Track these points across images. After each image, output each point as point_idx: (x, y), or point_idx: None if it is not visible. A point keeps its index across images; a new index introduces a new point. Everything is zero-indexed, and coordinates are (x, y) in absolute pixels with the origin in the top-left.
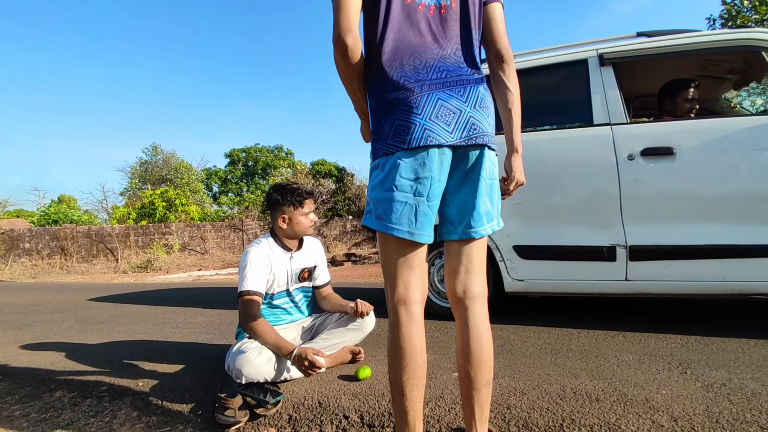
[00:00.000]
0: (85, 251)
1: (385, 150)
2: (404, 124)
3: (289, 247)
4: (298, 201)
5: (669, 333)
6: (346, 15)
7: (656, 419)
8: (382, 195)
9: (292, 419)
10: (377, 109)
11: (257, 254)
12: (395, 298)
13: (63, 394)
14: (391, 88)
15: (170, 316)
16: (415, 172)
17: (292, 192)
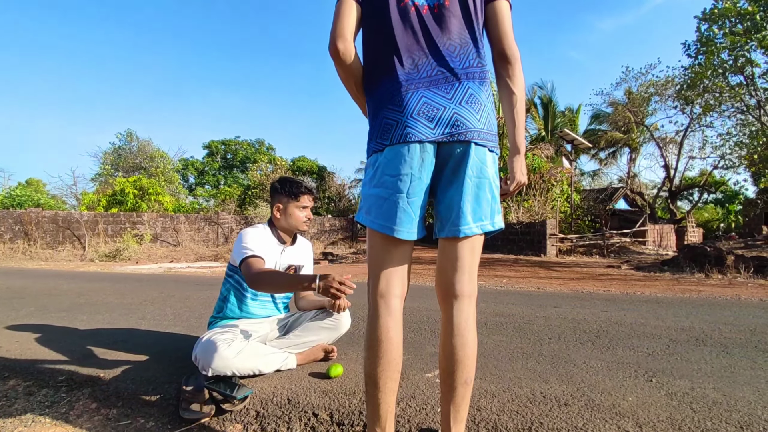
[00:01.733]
0: (51, 237)
1: (374, 148)
2: (389, 123)
3: (283, 240)
4: (295, 193)
5: (636, 342)
6: (340, 22)
7: (622, 425)
8: (369, 191)
9: (260, 415)
10: (372, 109)
11: (254, 233)
12: (377, 291)
13: (17, 383)
14: (382, 89)
15: (137, 306)
16: (395, 169)
17: (291, 183)
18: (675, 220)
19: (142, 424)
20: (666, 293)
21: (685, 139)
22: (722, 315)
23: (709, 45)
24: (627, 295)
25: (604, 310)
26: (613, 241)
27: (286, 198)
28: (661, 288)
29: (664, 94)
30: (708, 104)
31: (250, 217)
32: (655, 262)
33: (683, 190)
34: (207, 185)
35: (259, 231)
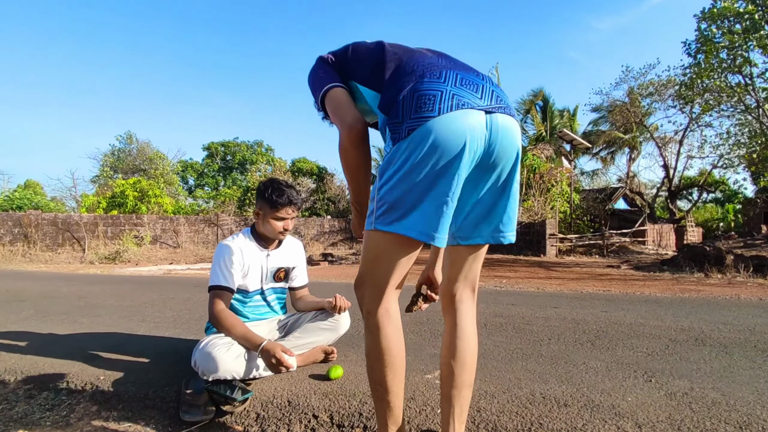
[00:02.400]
0: (50, 239)
1: (410, 126)
2: (428, 94)
3: (266, 245)
4: (274, 202)
5: (636, 343)
6: (350, 107)
7: (621, 425)
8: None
9: (260, 417)
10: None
11: (229, 249)
12: (381, 303)
13: (18, 386)
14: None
15: (137, 309)
16: (447, 149)
17: (274, 191)
18: (674, 219)
19: (143, 426)
20: (665, 293)
21: (684, 139)
22: (722, 315)
23: (708, 44)
24: (626, 295)
25: (604, 311)
26: (613, 241)
27: (267, 205)
28: (660, 288)
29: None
30: (707, 104)
31: (249, 218)
32: (654, 262)
33: (682, 190)
34: (206, 187)
35: (236, 243)
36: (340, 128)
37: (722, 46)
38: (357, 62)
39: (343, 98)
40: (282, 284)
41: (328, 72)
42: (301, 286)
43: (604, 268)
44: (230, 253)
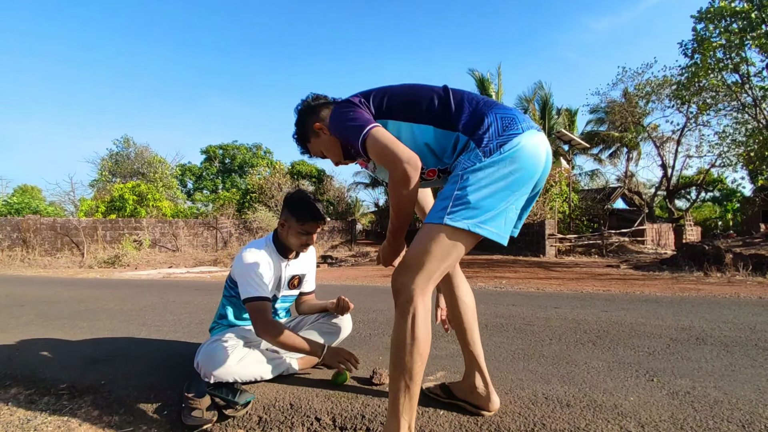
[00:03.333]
0: (49, 244)
1: (500, 141)
2: (508, 117)
3: (286, 254)
4: (301, 217)
5: (637, 342)
6: (399, 145)
7: (624, 425)
8: (496, 194)
9: (262, 421)
10: (475, 119)
11: (259, 258)
12: (425, 293)
13: (18, 391)
14: (479, 104)
15: (137, 313)
16: (532, 161)
17: (302, 204)
18: (673, 218)
19: (145, 431)
20: (665, 292)
21: (682, 138)
22: (722, 313)
23: (704, 44)
24: (626, 294)
25: (604, 310)
26: (612, 241)
27: (293, 217)
28: (660, 287)
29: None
30: (705, 103)
31: (248, 221)
32: (653, 262)
33: (681, 189)
34: (205, 190)
35: (260, 254)
36: (396, 163)
37: (719, 45)
38: (413, 102)
39: (390, 135)
40: (295, 291)
41: (363, 113)
42: (309, 292)
43: (603, 267)
44: (260, 260)
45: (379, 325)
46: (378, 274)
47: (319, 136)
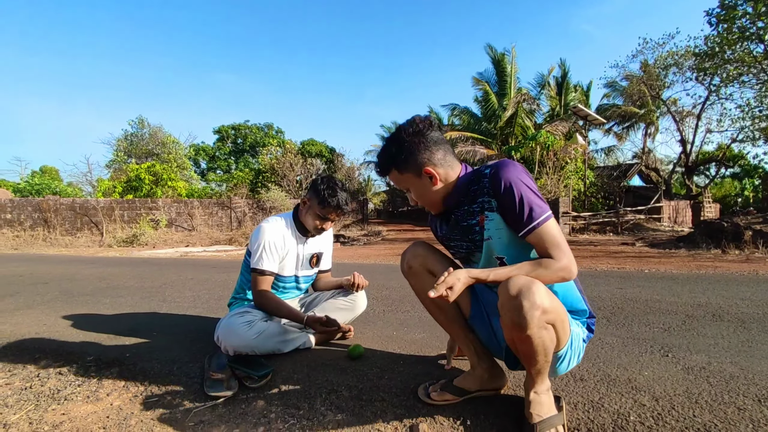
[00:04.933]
0: (69, 224)
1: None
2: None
3: (304, 232)
4: (324, 201)
5: (652, 319)
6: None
7: (638, 399)
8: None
9: (282, 392)
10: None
11: (273, 233)
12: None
13: (48, 363)
14: None
15: (157, 290)
16: None
17: (329, 190)
18: (691, 195)
19: (169, 400)
20: (681, 270)
21: (702, 112)
22: (739, 290)
23: (730, 12)
24: (641, 272)
25: (619, 288)
26: (627, 218)
27: (316, 199)
28: (676, 265)
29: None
30: (728, 75)
31: (262, 201)
32: (670, 239)
33: (700, 165)
34: (218, 170)
35: (279, 227)
36: (567, 256)
37: (744, 13)
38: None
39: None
40: (315, 270)
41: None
42: (326, 270)
43: (618, 245)
44: (272, 236)
45: (392, 302)
46: (390, 253)
47: (421, 178)
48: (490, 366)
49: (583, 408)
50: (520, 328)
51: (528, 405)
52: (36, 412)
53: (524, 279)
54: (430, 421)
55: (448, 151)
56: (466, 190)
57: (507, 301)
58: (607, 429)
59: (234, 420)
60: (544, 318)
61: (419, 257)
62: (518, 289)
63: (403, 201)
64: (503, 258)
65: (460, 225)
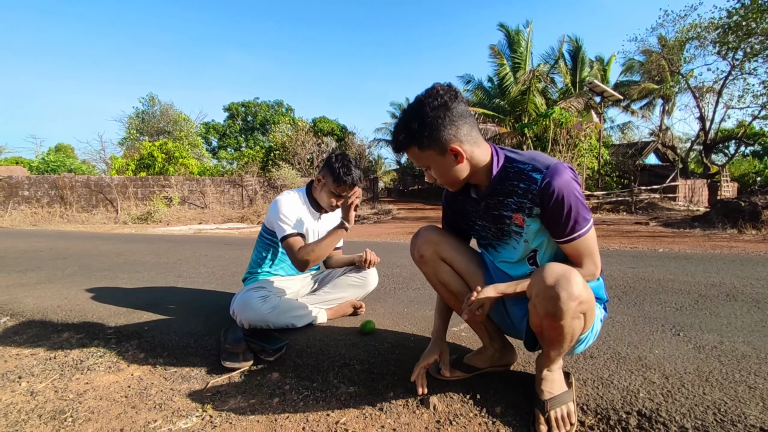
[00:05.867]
0: (85, 201)
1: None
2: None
3: (318, 209)
4: (339, 178)
5: (664, 298)
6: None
7: (648, 376)
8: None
9: (296, 365)
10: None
11: (290, 203)
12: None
13: (70, 335)
14: None
15: (173, 266)
16: None
17: (343, 167)
18: (708, 174)
19: (187, 372)
20: (696, 249)
21: (723, 88)
22: (755, 271)
23: None
24: (655, 251)
25: (631, 267)
26: (642, 198)
27: (330, 176)
28: (690, 244)
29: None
30: (752, 49)
31: (272, 179)
32: (685, 219)
33: (719, 143)
34: (229, 148)
35: (294, 200)
36: (597, 266)
37: None
38: None
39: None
40: None
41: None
42: (338, 247)
43: (631, 225)
44: (290, 204)
45: (402, 279)
46: (400, 232)
47: (444, 156)
48: (502, 345)
49: (593, 385)
50: (554, 317)
51: (539, 382)
52: (61, 381)
53: (562, 268)
54: (441, 395)
55: (473, 126)
56: (503, 182)
57: (543, 290)
58: (617, 405)
59: (250, 391)
60: (579, 308)
61: (431, 244)
62: (556, 278)
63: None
64: (536, 251)
65: (491, 212)
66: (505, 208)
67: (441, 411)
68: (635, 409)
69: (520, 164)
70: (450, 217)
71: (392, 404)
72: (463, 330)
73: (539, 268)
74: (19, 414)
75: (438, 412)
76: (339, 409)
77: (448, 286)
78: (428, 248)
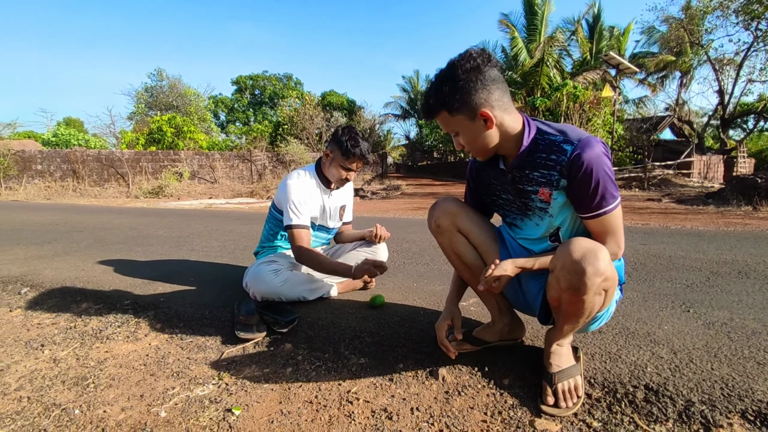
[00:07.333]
0: (97, 175)
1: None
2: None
3: (328, 185)
4: (347, 151)
5: (675, 275)
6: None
7: (656, 351)
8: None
9: (308, 336)
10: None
11: (298, 188)
12: None
13: (89, 305)
14: None
15: (185, 239)
16: None
17: (350, 138)
18: (725, 150)
19: (203, 342)
20: (708, 226)
21: (745, 60)
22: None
23: None
24: (666, 228)
25: (642, 243)
26: (655, 174)
27: (339, 150)
28: (703, 221)
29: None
30: None
31: (281, 154)
32: (699, 195)
33: (737, 118)
34: (238, 122)
35: (304, 181)
36: (621, 246)
37: None
38: None
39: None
40: (341, 222)
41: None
42: (348, 222)
43: (643, 201)
44: (299, 189)
45: (412, 254)
46: (409, 207)
47: (474, 121)
48: (511, 320)
49: (601, 359)
50: (576, 292)
51: (548, 355)
52: (82, 349)
53: (589, 242)
54: (450, 367)
55: (505, 92)
56: (532, 154)
57: (569, 264)
58: (624, 379)
59: (264, 361)
60: (603, 285)
61: (449, 215)
62: (583, 252)
63: (422, 155)
64: (559, 228)
65: (516, 186)
66: (531, 182)
67: (450, 382)
68: (642, 383)
69: (551, 136)
70: (474, 190)
71: (402, 375)
72: (473, 304)
73: (566, 242)
74: (44, 380)
75: (447, 383)
76: (350, 379)
77: (463, 257)
78: (446, 219)
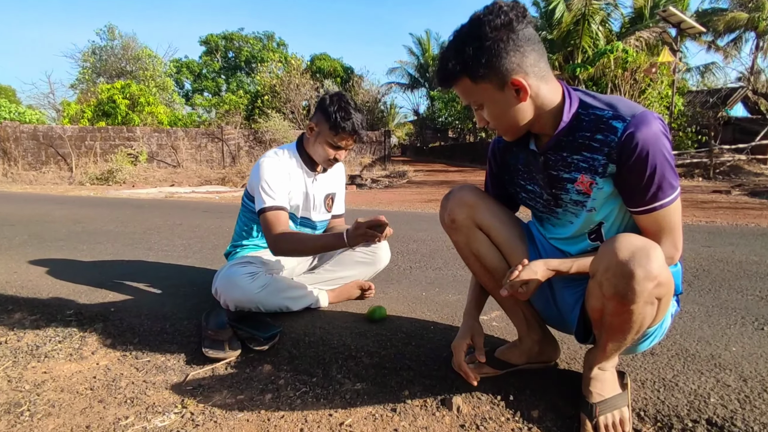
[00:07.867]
0: (33, 156)
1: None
2: None
3: (313, 167)
4: (336, 125)
5: (746, 284)
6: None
7: (722, 378)
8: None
9: (292, 356)
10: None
11: (273, 167)
12: None
13: (23, 316)
14: None
15: (142, 236)
16: None
17: (340, 110)
18: None
19: (163, 361)
20: None
21: None
22: None
23: None
24: (736, 227)
25: (706, 246)
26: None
27: (325, 123)
28: None
29: None
30: None
31: (260, 132)
32: None
33: None
34: (206, 92)
35: (282, 161)
36: (678, 246)
37: None
38: None
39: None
40: (330, 214)
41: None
42: (339, 215)
43: (708, 193)
44: (274, 169)
45: (421, 257)
46: (417, 199)
47: (503, 91)
48: (542, 337)
49: (653, 387)
50: (623, 300)
51: (588, 381)
52: (14, 369)
53: (640, 240)
54: (466, 395)
55: (542, 55)
56: (573, 133)
57: (614, 266)
58: (681, 412)
59: (237, 385)
60: (655, 292)
61: (466, 207)
62: (632, 252)
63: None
64: (602, 224)
65: (548, 172)
66: (569, 167)
67: (466, 413)
68: (704, 417)
69: (597, 110)
70: (496, 175)
71: (407, 404)
72: (495, 318)
73: (610, 239)
74: None
75: (462, 414)
76: (343, 409)
77: (483, 259)
78: (462, 212)
